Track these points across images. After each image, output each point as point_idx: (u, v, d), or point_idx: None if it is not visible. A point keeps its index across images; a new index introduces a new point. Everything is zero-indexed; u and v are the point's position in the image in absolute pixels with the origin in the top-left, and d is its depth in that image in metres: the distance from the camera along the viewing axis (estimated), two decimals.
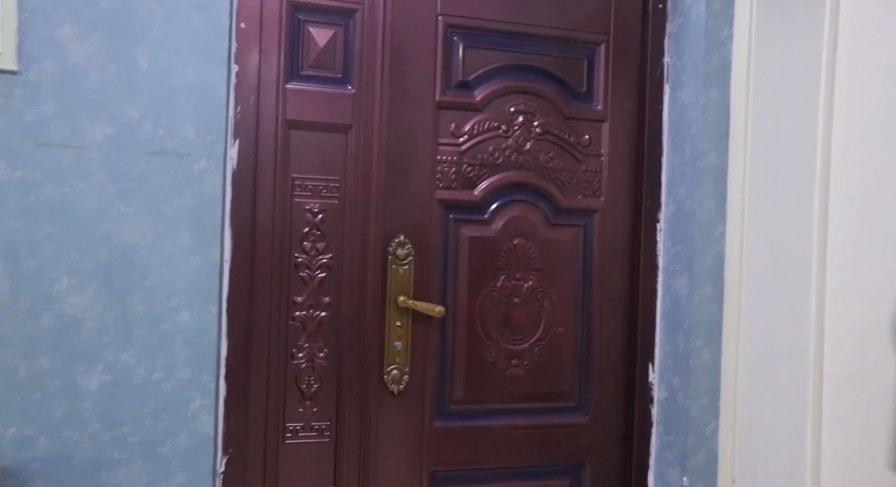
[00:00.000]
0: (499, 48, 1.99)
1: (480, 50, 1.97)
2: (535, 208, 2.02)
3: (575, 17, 2.04)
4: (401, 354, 1.91)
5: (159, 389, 1.59)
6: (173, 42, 1.59)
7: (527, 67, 2.01)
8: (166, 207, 1.59)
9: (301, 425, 1.87)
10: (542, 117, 2.02)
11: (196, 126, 1.61)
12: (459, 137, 1.96)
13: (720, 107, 1.95)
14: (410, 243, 1.90)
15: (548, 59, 2.03)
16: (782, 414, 1.89)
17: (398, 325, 1.91)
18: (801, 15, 1.92)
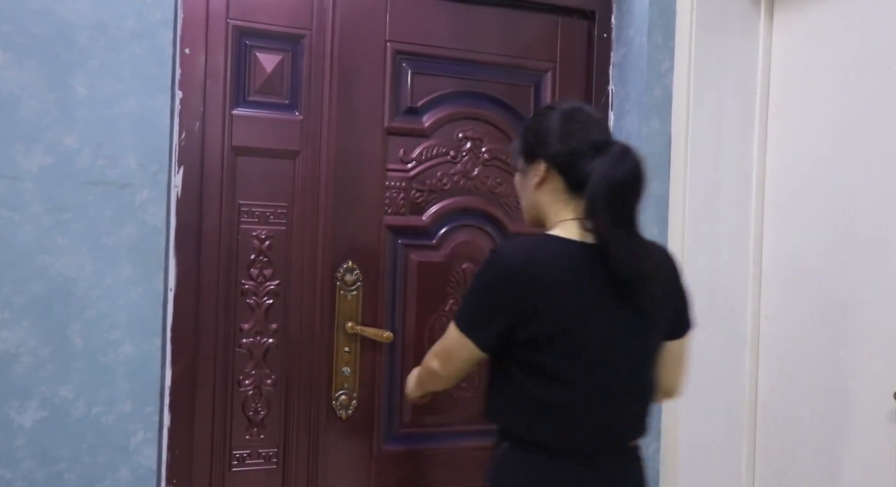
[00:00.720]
0: (448, 75, 1.99)
1: (429, 76, 1.97)
2: (482, 233, 2.02)
3: (522, 45, 2.05)
4: (349, 379, 1.89)
5: (99, 423, 1.54)
6: (114, 70, 1.54)
7: (475, 93, 2.02)
8: (106, 238, 1.55)
9: (248, 452, 1.84)
10: (490, 143, 2.03)
11: (138, 156, 1.57)
12: (408, 163, 1.95)
13: (662, 136, 1.99)
14: (359, 268, 1.89)
15: (496, 85, 2.04)
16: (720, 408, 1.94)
17: (346, 351, 1.89)
18: (737, 48, 1.97)
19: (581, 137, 1.14)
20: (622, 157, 1.10)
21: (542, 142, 1.17)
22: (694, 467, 1.89)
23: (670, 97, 1.99)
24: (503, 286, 1.09)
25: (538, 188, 1.19)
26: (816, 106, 1.78)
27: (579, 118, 1.17)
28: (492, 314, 1.11)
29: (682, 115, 1.97)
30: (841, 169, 1.69)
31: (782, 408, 1.81)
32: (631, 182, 1.09)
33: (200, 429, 1.78)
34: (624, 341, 1.12)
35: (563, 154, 1.15)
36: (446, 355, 1.21)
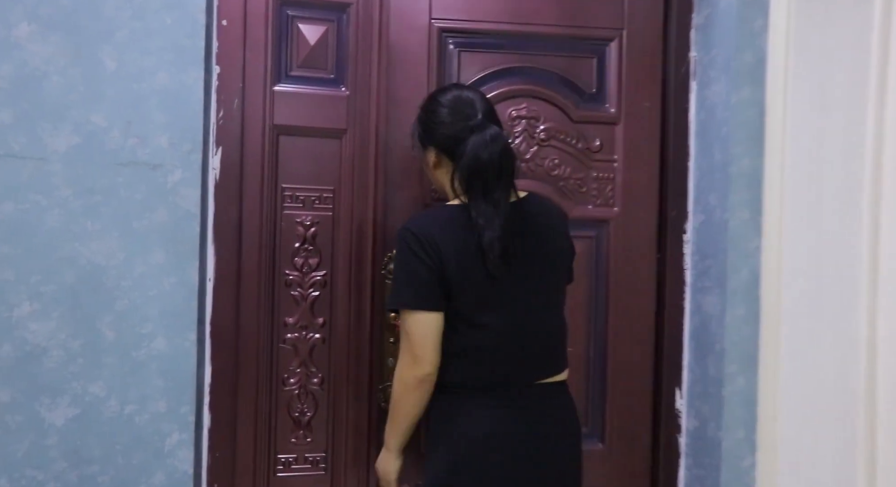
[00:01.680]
0: (497, 51, 1.80)
1: (477, 53, 1.79)
2: None
3: (581, 13, 1.83)
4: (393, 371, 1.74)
5: (132, 423, 1.43)
6: (142, 42, 1.42)
7: (528, 68, 1.81)
8: (137, 223, 1.43)
9: (294, 456, 1.70)
10: (547, 122, 1.82)
11: (170, 134, 1.45)
12: None
13: (754, 106, 1.73)
14: None
15: (552, 59, 1.82)
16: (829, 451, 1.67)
17: (392, 341, 1.72)
18: (848, 1, 1.69)
19: (460, 124, 1.30)
20: (491, 141, 1.27)
21: (430, 131, 1.35)
22: (797, 484, 1.64)
23: (764, 61, 1.73)
24: (419, 248, 1.24)
25: (436, 169, 1.38)
26: None
27: (459, 106, 1.32)
28: (426, 276, 1.24)
29: (778, 81, 1.70)
30: None
31: None
32: (496, 165, 1.27)
33: (243, 431, 1.65)
34: (519, 287, 1.28)
35: (447, 142, 1.31)
36: (423, 344, 1.25)
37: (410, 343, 1.26)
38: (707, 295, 1.76)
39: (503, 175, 1.28)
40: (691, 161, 1.84)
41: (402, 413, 1.31)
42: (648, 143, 1.86)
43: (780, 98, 1.70)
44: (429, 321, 1.25)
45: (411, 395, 1.28)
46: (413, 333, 1.26)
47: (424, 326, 1.25)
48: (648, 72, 1.86)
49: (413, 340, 1.26)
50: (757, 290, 1.69)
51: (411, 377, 1.27)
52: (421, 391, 1.28)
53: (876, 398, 1.62)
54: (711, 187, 1.77)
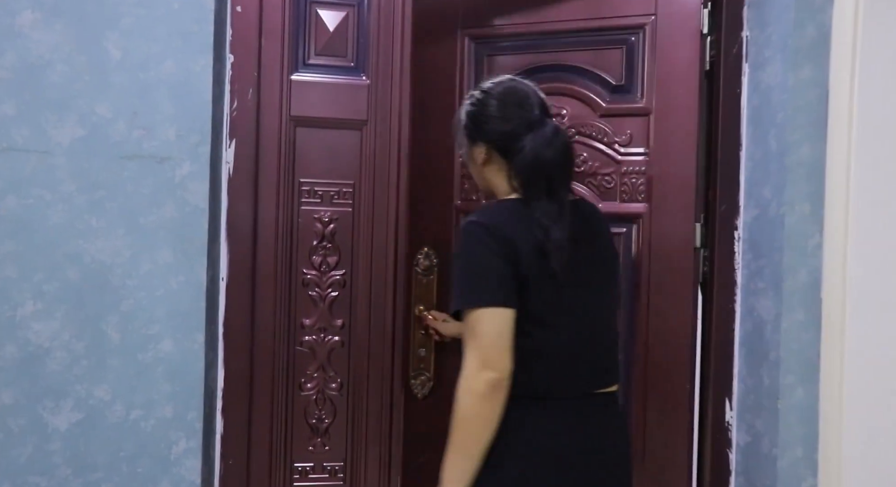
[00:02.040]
0: (524, 51, 1.73)
1: (505, 55, 1.73)
2: None
3: (607, 2, 1.70)
4: (425, 360, 1.76)
5: (138, 429, 1.36)
6: (149, 29, 1.35)
7: (554, 65, 1.72)
8: (144, 219, 1.36)
9: (311, 465, 1.61)
10: (574, 118, 1.72)
11: (177, 126, 1.37)
12: None
13: (816, 87, 1.54)
14: (434, 253, 1.63)
15: (578, 54, 1.72)
16: None
17: (423, 333, 1.75)
18: None
19: (516, 120, 1.22)
20: (552, 137, 1.20)
21: (482, 127, 1.25)
22: None
23: (828, 37, 1.55)
24: (492, 241, 1.14)
25: (485, 166, 1.27)
26: None
27: (513, 100, 1.24)
28: (501, 269, 1.14)
29: (845, 59, 1.52)
30: None
31: None
32: (561, 162, 1.21)
33: (258, 438, 1.57)
34: (581, 291, 1.21)
35: (501, 138, 1.23)
36: (495, 345, 1.11)
37: (481, 345, 1.11)
38: (761, 298, 1.59)
39: (566, 173, 1.23)
40: (743, 151, 1.67)
41: (474, 434, 1.10)
42: (683, 134, 1.69)
43: (846, 78, 1.51)
44: (504, 319, 1.12)
45: (483, 406, 1.10)
46: (485, 333, 1.11)
47: (499, 324, 1.11)
48: (683, 59, 1.69)
49: (485, 341, 1.11)
50: (817, 292, 1.51)
51: (482, 382, 1.09)
52: (494, 401, 1.10)
53: None
54: (766, 178, 1.60)
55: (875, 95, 1.51)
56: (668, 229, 1.69)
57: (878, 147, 1.51)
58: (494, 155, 1.25)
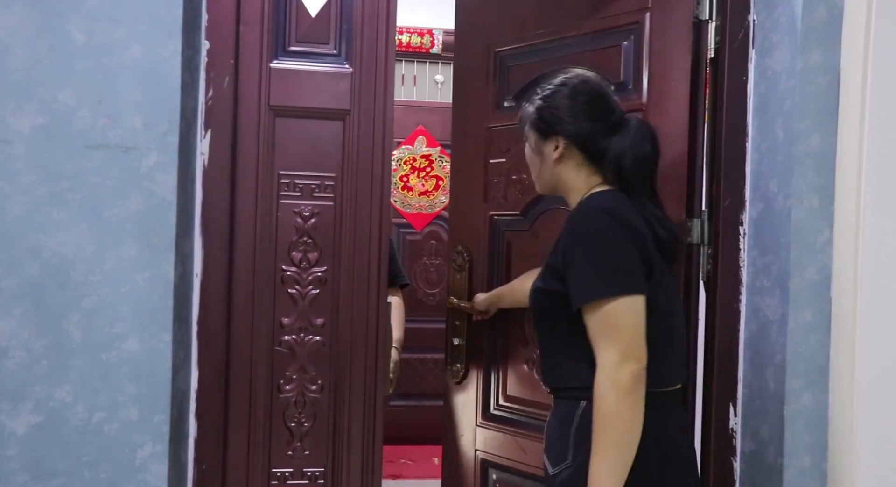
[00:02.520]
0: (540, 59, 1.71)
1: (525, 66, 1.72)
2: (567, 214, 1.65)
3: (605, 1, 1.62)
4: (459, 349, 1.78)
5: (101, 432, 1.27)
6: (114, 11, 1.26)
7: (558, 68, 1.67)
8: (108, 212, 1.28)
9: (290, 470, 1.52)
10: None
11: (144, 114, 1.29)
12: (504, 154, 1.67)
13: (826, 73, 1.43)
14: (467, 250, 1.74)
15: (582, 56, 1.64)
16: None
17: (457, 323, 1.79)
18: None
19: (596, 115, 1.19)
20: (643, 133, 1.19)
21: (560, 120, 1.20)
22: None
23: (839, 19, 1.43)
24: (621, 229, 1.09)
25: (558, 162, 1.22)
26: None
27: (589, 92, 1.21)
28: (635, 256, 1.09)
29: (857, 42, 1.40)
30: None
31: None
32: (654, 156, 1.20)
33: (234, 442, 1.48)
34: (671, 283, 1.19)
35: (582, 133, 1.19)
36: (635, 334, 1.05)
37: (621, 337, 1.04)
38: (766, 297, 1.47)
39: (657, 168, 1.22)
40: (749, 142, 1.56)
41: (625, 429, 1.02)
42: (675, 127, 1.57)
43: (858, 62, 1.40)
44: (642, 308, 1.07)
45: (631, 399, 1.02)
46: (625, 323, 1.05)
47: (639, 313, 1.06)
48: (675, 49, 1.57)
49: (625, 331, 1.05)
50: (826, 291, 1.39)
51: (626, 375, 1.02)
52: (639, 394, 1.04)
53: None
54: (773, 170, 1.48)
55: (889, 80, 1.39)
56: None
57: (893, 137, 1.39)
58: (572, 150, 1.21)
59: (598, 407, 1.03)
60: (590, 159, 1.20)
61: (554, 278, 1.12)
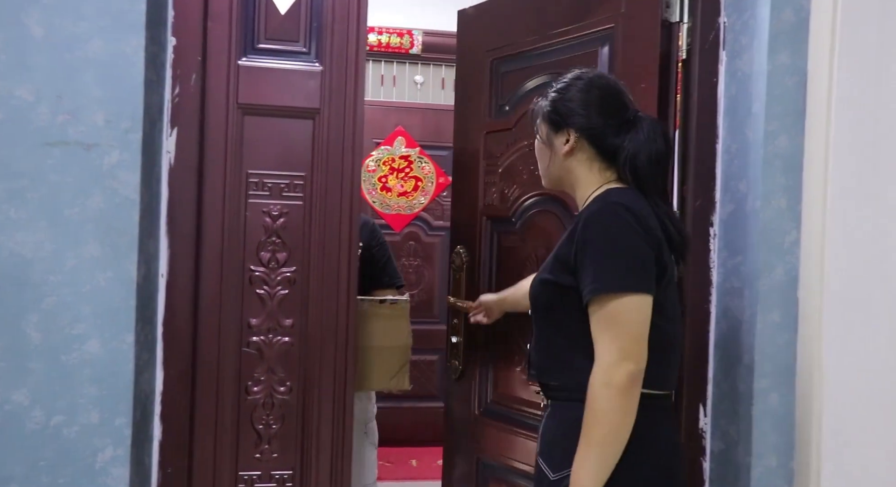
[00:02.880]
0: (530, 66, 1.75)
1: (516, 72, 1.76)
2: (555, 216, 1.69)
3: (585, 7, 1.64)
4: (457, 346, 1.82)
5: (59, 436, 1.23)
6: (74, 5, 1.23)
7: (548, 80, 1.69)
8: (69, 210, 1.24)
9: (258, 473, 1.49)
10: None
11: (106, 110, 1.25)
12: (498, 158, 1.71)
13: (794, 75, 1.43)
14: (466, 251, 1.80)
15: (565, 61, 1.66)
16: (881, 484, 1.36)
17: (455, 321, 1.82)
18: None
19: (610, 111, 1.17)
20: (655, 131, 1.16)
21: (573, 111, 1.17)
22: None
23: (807, 22, 1.44)
24: (637, 224, 1.07)
25: (568, 156, 1.19)
26: None
27: (603, 87, 1.19)
28: (648, 254, 1.06)
29: (823, 45, 1.40)
30: None
31: None
32: (667, 155, 1.17)
33: (200, 445, 1.45)
34: (677, 286, 1.18)
35: (594, 128, 1.16)
36: (637, 334, 1.03)
37: (623, 335, 1.02)
38: (735, 298, 1.47)
39: (668, 165, 1.21)
40: (719, 143, 1.55)
41: (612, 429, 1.00)
42: None
43: (825, 65, 1.40)
44: (647, 306, 1.04)
45: (624, 400, 1.00)
46: (629, 321, 1.02)
47: (645, 313, 1.03)
48: (645, 52, 1.57)
49: (627, 329, 1.02)
50: (794, 292, 1.39)
51: (622, 375, 1.00)
52: (633, 394, 1.02)
53: None
54: (742, 172, 1.48)
55: (855, 82, 1.39)
56: None
57: (858, 138, 1.39)
58: (583, 144, 1.17)
59: (589, 403, 1.01)
60: (601, 155, 1.17)
61: (564, 270, 1.08)
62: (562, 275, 1.08)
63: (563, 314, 1.09)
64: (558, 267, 1.09)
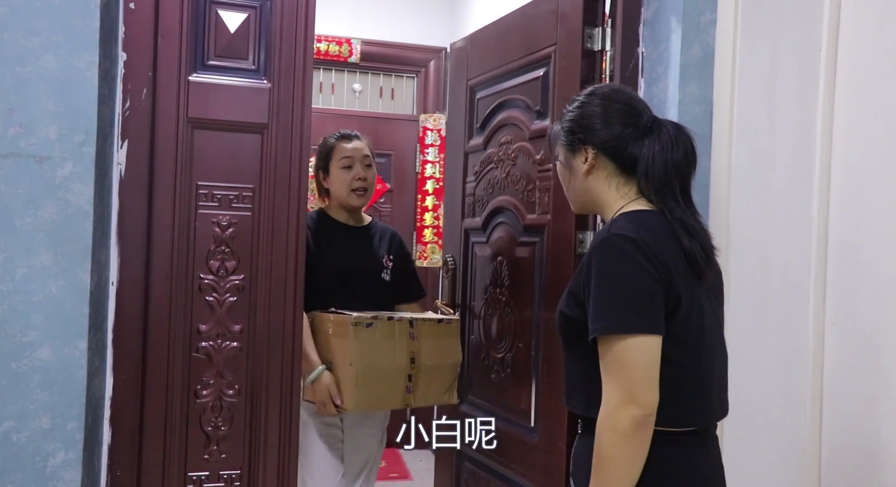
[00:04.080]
0: (497, 92, 1.93)
1: (487, 98, 1.97)
2: (510, 228, 1.86)
3: (534, 37, 1.79)
4: None
5: (9, 442, 1.24)
6: (26, 20, 1.25)
7: (508, 100, 1.91)
8: (20, 220, 1.25)
9: (206, 473, 1.52)
10: (513, 142, 1.85)
11: (59, 124, 1.27)
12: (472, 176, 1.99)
13: (702, 103, 1.59)
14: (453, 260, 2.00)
15: (518, 88, 1.86)
16: None
17: None
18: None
19: (626, 121, 1.10)
20: (677, 137, 1.09)
21: (589, 129, 1.12)
22: None
23: (712, 56, 1.59)
24: (643, 259, 0.99)
25: (588, 175, 1.13)
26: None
27: (620, 99, 1.13)
28: (654, 291, 0.99)
29: (726, 77, 1.56)
30: None
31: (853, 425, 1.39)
32: (690, 161, 1.10)
33: (149, 447, 1.47)
34: (709, 308, 1.07)
35: (612, 140, 1.10)
36: (643, 377, 0.96)
37: (627, 378, 0.96)
38: None
39: (693, 173, 1.11)
40: None
41: (619, 475, 0.96)
42: None
43: (727, 94, 1.56)
44: (655, 348, 0.97)
45: (628, 445, 0.95)
46: (634, 364, 0.96)
47: (650, 354, 0.96)
48: (574, 79, 1.71)
49: (634, 373, 0.96)
50: None
51: (627, 420, 0.94)
52: (639, 439, 0.96)
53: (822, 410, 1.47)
54: None
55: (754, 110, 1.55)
56: (563, 237, 1.69)
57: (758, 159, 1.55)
58: (602, 160, 1.11)
59: (597, 446, 0.97)
60: (621, 169, 1.10)
61: (575, 303, 1.04)
62: (575, 308, 1.04)
63: (580, 346, 1.05)
64: (572, 301, 1.05)
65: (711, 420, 1.07)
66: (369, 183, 1.79)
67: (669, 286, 1.00)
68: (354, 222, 1.85)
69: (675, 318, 1.00)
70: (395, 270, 1.82)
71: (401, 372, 1.61)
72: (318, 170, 1.84)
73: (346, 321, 1.57)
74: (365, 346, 1.57)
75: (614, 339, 0.96)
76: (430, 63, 3.74)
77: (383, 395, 1.61)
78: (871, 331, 1.43)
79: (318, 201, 1.90)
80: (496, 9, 3.10)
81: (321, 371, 1.61)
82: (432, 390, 1.66)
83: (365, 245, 1.82)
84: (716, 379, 1.07)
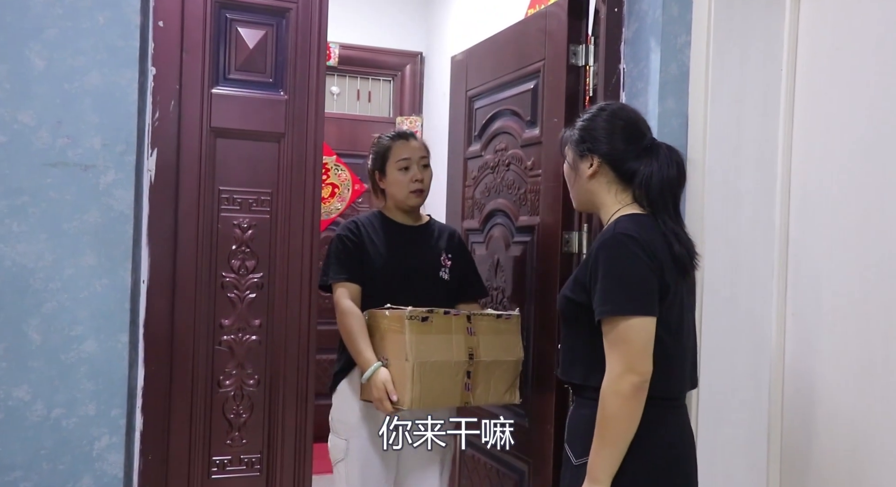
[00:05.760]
0: (492, 103, 2.08)
1: (484, 108, 2.12)
2: (505, 229, 2.01)
3: (527, 51, 1.95)
4: None
5: (59, 427, 1.38)
6: (74, 41, 1.38)
7: (503, 111, 2.06)
8: (67, 224, 1.39)
9: (229, 458, 1.68)
10: (506, 149, 2.01)
11: (103, 135, 1.41)
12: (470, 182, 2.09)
13: (678, 116, 1.79)
14: None
15: (511, 99, 2.02)
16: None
17: None
18: (761, 20, 1.78)
19: (628, 138, 1.30)
20: (670, 157, 1.29)
21: (599, 141, 1.30)
22: None
23: (687, 75, 1.80)
24: (643, 253, 1.19)
25: (591, 179, 1.32)
26: (850, 86, 1.58)
27: (624, 117, 1.33)
28: (651, 279, 1.19)
29: (699, 93, 1.77)
30: (878, 157, 1.49)
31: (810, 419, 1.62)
32: (681, 179, 1.31)
33: (177, 433, 1.62)
34: (685, 299, 1.28)
35: (614, 153, 1.29)
36: (641, 350, 1.17)
37: (628, 351, 1.16)
38: None
39: (682, 188, 1.32)
40: None
41: (620, 431, 1.16)
42: (556, 157, 1.89)
43: (700, 109, 1.77)
44: (651, 327, 1.18)
45: (629, 406, 1.15)
46: (634, 340, 1.16)
47: (647, 332, 1.17)
48: (560, 92, 1.88)
49: (633, 347, 1.16)
50: None
51: (627, 385, 1.14)
52: (638, 400, 1.16)
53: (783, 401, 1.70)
54: None
55: (724, 123, 1.77)
56: (549, 238, 1.88)
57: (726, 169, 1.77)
58: (604, 169, 1.29)
59: (601, 409, 1.16)
60: (620, 179, 1.29)
61: (581, 290, 1.23)
62: (580, 294, 1.23)
63: (582, 326, 1.24)
64: (577, 287, 1.24)
65: (684, 391, 1.29)
66: (426, 184, 1.74)
67: (661, 277, 1.20)
68: (412, 221, 1.79)
69: (664, 304, 1.20)
70: (453, 268, 1.78)
71: (459, 368, 1.54)
72: (375, 171, 1.75)
73: (400, 316, 1.50)
74: (420, 341, 1.51)
75: (619, 319, 1.16)
76: (406, 67, 3.90)
77: (441, 392, 1.53)
78: (825, 320, 1.67)
79: (375, 200, 1.86)
80: (470, 16, 3.28)
81: (377, 368, 1.51)
82: (493, 388, 1.61)
83: (422, 244, 1.77)
84: (689, 357, 1.30)
